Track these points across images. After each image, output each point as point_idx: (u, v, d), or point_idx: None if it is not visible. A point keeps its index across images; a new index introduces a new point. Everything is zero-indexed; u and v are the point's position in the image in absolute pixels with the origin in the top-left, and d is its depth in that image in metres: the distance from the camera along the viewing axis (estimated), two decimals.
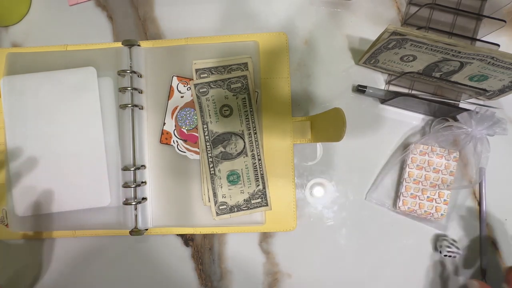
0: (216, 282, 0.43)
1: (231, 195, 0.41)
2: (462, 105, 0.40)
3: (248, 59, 0.42)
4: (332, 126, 0.35)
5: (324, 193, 0.43)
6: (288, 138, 0.42)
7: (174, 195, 0.42)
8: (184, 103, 0.42)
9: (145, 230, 0.41)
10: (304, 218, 0.43)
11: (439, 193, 0.40)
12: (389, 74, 0.42)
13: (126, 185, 0.40)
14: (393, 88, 0.42)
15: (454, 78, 0.38)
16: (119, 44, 0.43)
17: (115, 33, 0.45)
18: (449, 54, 0.35)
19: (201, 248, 0.43)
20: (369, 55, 0.39)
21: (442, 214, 0.40)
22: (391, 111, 0.43)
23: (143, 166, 0.42)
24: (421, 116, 0.42)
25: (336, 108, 0.34)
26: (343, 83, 0.43)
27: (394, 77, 0.41)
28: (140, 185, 0.41)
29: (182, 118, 0.42)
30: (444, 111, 0.40)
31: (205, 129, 0.41)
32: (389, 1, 0.43)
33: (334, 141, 0.39)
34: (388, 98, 0.41)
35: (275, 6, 0.44)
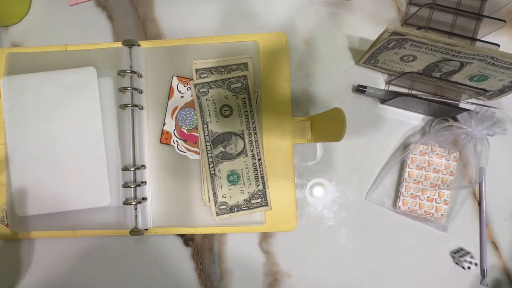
0: (216, 282, 0.43)
1: (231, 195, 0.41)
2: (462, 105, 0.40)
3: (248, 59, 0.42)
4: (332, 126, 0.35)
5: (324, 193, 0.43)
6: (288, 138, 0.42)
7: (174, 195, 0.42)
8: (184, 103, 0.42)
9: (145, 230, 0.41)
10: (304, 218, 0.43)
11: (439, 193, 0.40)
12: (389, 74, 0.42)
13: (126, 185, 0.40)
14: (393, 88, 0.42)
15: (454, 78, 0.38)
16: (119, 44, 0.43)
17: (115, 33, 0.45)
18: (449, 54, 0.35)
19: (201, 248, 0.43)
20: (369, 55, 0.39)
21: (442, 214, 0.40)
22: (391, 111, 0.43)
23: (143, 166, 0.42)
24: (421, 116, 0.42)
25: (336, 108, 0.34)
26: (343, 83, 0.43)
27: (394, 77, 0.41)
28: (140, 185, 0.41)
29: (182, 118, 0.42)
30: (444, 111, 0.40)
31: (205, 129, 0.41)
32: (389, 1, 0.43)
33: (334, 141, 0.39)
34: (388, 98, 0.41)
35: (275, 6, 0.44)
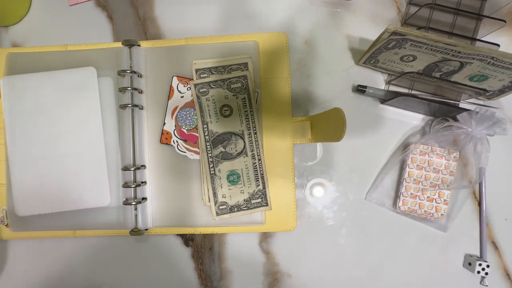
0: (216, 282, 0.43)
1: (231, 195, 0.41)
2: (462, 105, 0.40)
3: (248, 59, 0.42)
4: (332, 126, 0.35)
5: (324, 193, 0.43)
6: (288, 138, 0.42)
7: (174, 195, 0.42)
8: (184, 103, 0.42)
9: (145, 230, 0.41)
10: (304, 218, 0.43)
11: (439, 193, 0.40)
12: (389, 74, 0.42)
13: (126, 185, 0.40)
14: (393, 88, 0.42)
15: (454, 78, 0.38)
16: (119, 44, 0.43)
17: (115, 33, 0.45)
18: (449, 54, 0.35)
19: (201, 248, 0.43)
20: (369, 55, 0.39)
21: (442, 214, 0.40)
22: (391, 111, 0.43)
23: (143, 166, 0.42)
24: (421, 116, 0.42)
25: (336, 108, 0.34)
26: (343, 83, 0.43)
27: (394, 77, 0.41)
28: (140, 185, 0.41)
29: (182, 118, 0.42)
30: (444, 111, 0.40)
31: (205, 129, 0.41)
32: (389, 1, 0.43)
33: (334, 141, 0.39)
34: (388, 98, 0.41)
35: (275, 6, 0.44)
